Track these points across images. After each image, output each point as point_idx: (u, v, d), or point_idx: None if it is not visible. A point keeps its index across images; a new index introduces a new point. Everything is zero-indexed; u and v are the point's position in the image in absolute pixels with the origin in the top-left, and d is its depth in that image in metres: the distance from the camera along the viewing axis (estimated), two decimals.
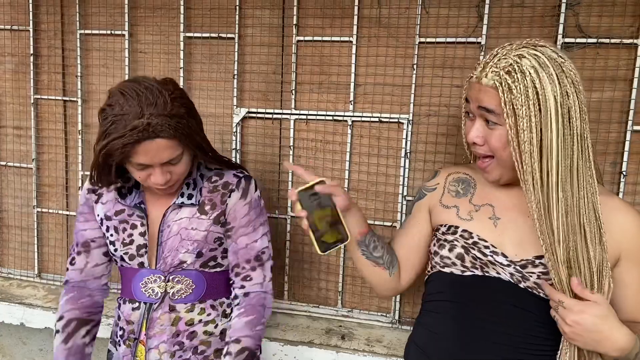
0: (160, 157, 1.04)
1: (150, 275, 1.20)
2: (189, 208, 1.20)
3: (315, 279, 1.68)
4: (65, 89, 1.79)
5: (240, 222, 1.22)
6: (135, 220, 1.20)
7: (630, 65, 1.36)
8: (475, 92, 0.95)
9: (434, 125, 1.52)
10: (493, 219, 1.03)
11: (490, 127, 0.95)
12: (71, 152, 1.82)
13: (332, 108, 1.59)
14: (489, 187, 1.08)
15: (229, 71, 1.64)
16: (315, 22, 1.56)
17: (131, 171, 1.10)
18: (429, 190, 1.16)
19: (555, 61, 0.89)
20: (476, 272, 1.01)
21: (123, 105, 1.01)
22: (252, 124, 1.66)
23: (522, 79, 0.88)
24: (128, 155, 1.03)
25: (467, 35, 1.46)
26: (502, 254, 0.99)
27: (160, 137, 1.02)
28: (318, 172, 1.62)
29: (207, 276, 1.22)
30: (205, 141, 1.16)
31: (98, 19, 1.72)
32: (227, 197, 1.21)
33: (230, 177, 1.23)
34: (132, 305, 1.22)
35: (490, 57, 0.94)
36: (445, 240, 1.06)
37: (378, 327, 1.63)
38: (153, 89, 1.03)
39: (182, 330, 1.21)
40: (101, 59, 1.74)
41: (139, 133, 0.99)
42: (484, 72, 0.93)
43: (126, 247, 1.20)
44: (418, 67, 1.50)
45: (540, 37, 1.40)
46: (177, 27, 1.65)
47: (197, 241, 1.19)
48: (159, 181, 1.08)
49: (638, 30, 1.34)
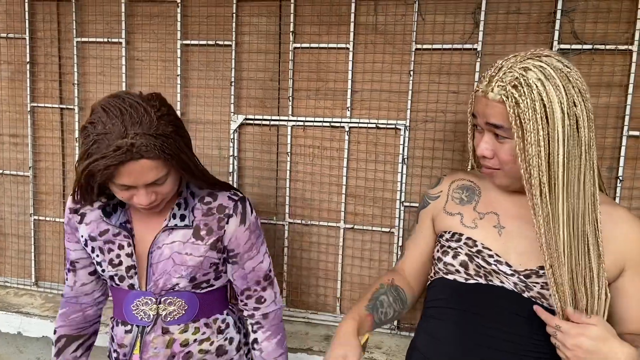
0: (144, 178, 0.98)
1: (142, 298, 1.15)
2: (182, 231, 1.14)
3: (314, 286, 1.68)
4: (62, 97, 1.79)
5: (244, 248, 1.19)
6: (122, 241, 1.14)
7: (626, 71, 1.37)
8: (482, 107, 0.95)
9: (431, 131, 1.53)
10: (498, 228, 1.03)
11: (500, 141, 0.95)
12: (68, 160, 1.82)
13: (330, 114, 1.59)
14: (493, 195, 1.08)
15: (226, 78, 1.64)
16: (312, 29, 1.57)
17: (114, 191, 1.04)
18: (433, 199, 1.16)
19: (561, 71, 0.88)
20: (480, 280, 1.01)
21: (106, 124, 0.95)
22: (250, 130, 1.66)
23: (529, 93, 0.87)
24: (111, 177, 0.97)
25: (463, 42, 1.46)
26: (506, 263, 0.99)
27: (145, 158, 0.96)
28: (316, 178, 1.63)
29: (200, 296, 1.18)
30: (193, 161, 1.09)
31: (95, 26, 1.72)
32: (224, 223, 1.15)
33: (225, 199, 1.17)
34: (125, 328, 1.17)
35: (495, 71, 0.93)
36: (449, 247, 1.06)
37: (377, 333, 1.63)
38: (138, 107, 0.97)
39: (177, 351, 1.17)
40: (98, 66, 1.74)
41: (122, 154, 0.93)
42: (490, 87, 0.92)
43: (115, 268, 1.15)
44: (414, 74, 1.51)
45: (536, 43, 1.41)
46: (174, 34, 1.65)
47: (191, 267, 1.14)
48: (142, 202, 1.02)
49: (632, 36, 1.35)
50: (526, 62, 0.90)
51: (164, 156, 0.98)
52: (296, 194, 1.65)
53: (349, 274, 1.65)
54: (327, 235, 1.65)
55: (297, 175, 1.65)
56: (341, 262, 1.64)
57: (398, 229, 1.57)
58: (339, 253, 1.64)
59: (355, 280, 1.64)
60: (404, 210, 1.56)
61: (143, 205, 1.03)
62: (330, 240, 1.65)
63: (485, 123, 0.95)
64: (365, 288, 1.63)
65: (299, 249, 1.67)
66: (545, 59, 0.90)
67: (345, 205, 1.61)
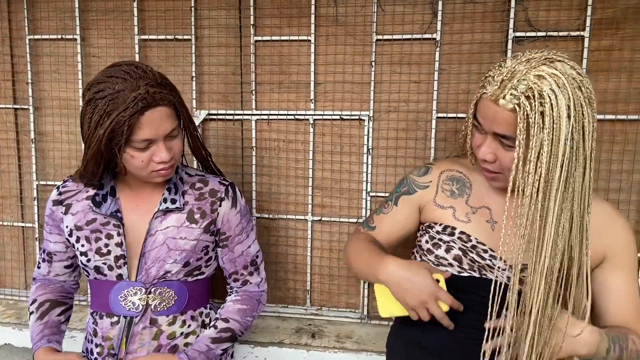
0: (164, 127, 1.04)
1: (130, 288, 1.15)
2: (175, 215, 1.17)
3: (283, 279, 1.68)
4: (16, 97, 1.73)
5: (235, 231, 1.23)
6: (111, 230, 1.15)
7: (578, 56, 1.41)
8: (490, 113, 0.91)
9: (394, 121, 1.54)
10: (490, 223, 1.03)
11: (505, 148, 0.92)
12: (24, 162, 1.76)
13: (293, 107, 1.59)
14: (485, 189, 1.07)
15: (187, 73, 1.62)
16: (273, 21, 1.56)
17: (130, 158, 1.05)
18: (421, 187, 1.13)
19: (574, 80, 0.86)
20: (474, 273, 1.01)
21: (115, 85, 1.00)
22: (213, 126, 1.64)
23: (540, 106, 0.84)
24: (132, 131, 1.00)
25: (422, 32, 1.48)
26: (500, 258, 0.99)
27: (161, 105, 1.03)
28: (282, 171, 1.62)
29: (189, 286, 1.20)
30: (192, 121, 1.18)
31: (48, 23, 1.66)
32: (217, 206, 1.20)
33: (216, 184, 1.23)
34: (111, 320, 1.16)
35: (507, 75, 0.88)
36: (440, 240, 1.05)
37: (348, 323, 1.64)
38: (136, 67, 1.03)
39: (164, 344, 1.17)
40: (52, 64, 1.68)
41: (142, 100, 0.99)
42: (502, 93, 0.88)
43: (103, 258, 1.15)
44: (376, 64, 1.52)
45: (492, 31, 1.45)
46: (131, 29, 1.61)
47: (185, 251, 1.16)
48: (164, 157, 1.06)
49: (584, 22, 1.39)
50: (540, 69, 0.86)
51: (176, 103, 1.07)
52: (262, 188, 1.64)
53: (318, 266, 1.65)
54: (295, 228, 1.65)
55: (263, 170, 1.64)
56: (310, 254, 1.64)
57: (364, 219, 1.58)
58: (307, 246, 1.64)
59: (324, 272, 1.65)
60: (370, 201, 1.57)
61: (165, 161, 1.07)
62: (299, 234, 1.65)
63: (492, 132, 0.92)
64: (334, 279, 1.64)
65: (267, 244, 1.66)
66: (559, 65, 0.87)
67: (312, 197, 1.61)
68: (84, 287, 1.76)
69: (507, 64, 0.91)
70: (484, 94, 0.92)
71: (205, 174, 1.26)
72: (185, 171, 1.25)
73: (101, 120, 1.00)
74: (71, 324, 1.62)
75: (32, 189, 1.74)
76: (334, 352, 1.48)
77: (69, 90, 1.68)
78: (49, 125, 1.71)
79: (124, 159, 1.07)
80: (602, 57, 1.42)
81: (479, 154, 0.97)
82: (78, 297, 1.77)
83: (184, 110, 1.11)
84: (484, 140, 0.96)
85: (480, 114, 0.94)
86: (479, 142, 0.97)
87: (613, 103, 1.43)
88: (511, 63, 0.90)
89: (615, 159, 1.44)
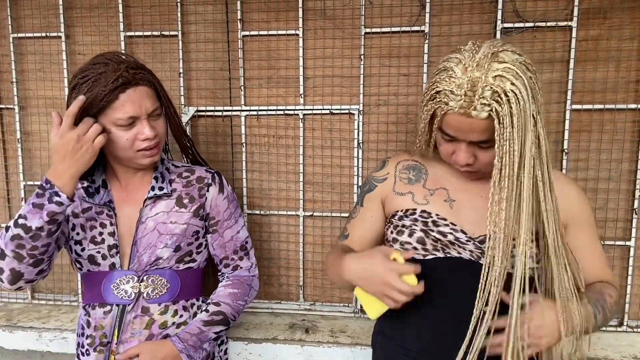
0: (146, 105, 1.10)
1: (123, 277, 1.19)
2: (164, 202, 1.21)
3: (276, 275, 1.67)
4: (1, 96, 1.70)
5: (224, 216, 1.28)
6: (104, 220, 1.19)
7: (566, 46, 1.42)
8: (464, 126, 0.92)
9: (384, 115, 1.54)
10: (449, 201, 1.07)
11: (483, 149, 0.95)
12: (11, 162, 1.73)
13: (283, 102, 1.58)
14: (440, 172, 1.11)
15: (174, 70, 1.60)
16: (260, 16, 1.55)
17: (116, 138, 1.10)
18: (380, 181, 1.16)
19: (521, 64, 0.89)
20: (438, 254, 1.03)
21: (99, 69, 1.06)
22: (202, 122, 1.62)
23: (508, 104, 0.87)
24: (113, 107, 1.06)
25: (411, 25, 1.48)
26: (461, 231, 1.03)
27: (142, 85, 1.09)
28: (272, 167, 1.61)
29: (181, 274, 1.23)
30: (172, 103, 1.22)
31: (32, 21, 1.63)
32: (205, 191, 1.25)
33: (203, 172, 1.28)
34: (104, 310, 1.19)
35: (468, 86, 0.89)
36: (403, 225, 1.07)
37: (341, 317, 1.64)
38: (118, 53, 1.12)
39: (156, 333, 1.19)
40: (37, 63, 1.66)
41: (123, 78, 1.06)
42: (472, 105, 0.89)
43: (98, 246, 1.19)
44: (365, 58, 1.51)
45: (480, 23, 1.45)
46: (117, 26, 1.59)
47: (176, 235, 1.20)
48: (149, 134, 1.10)
49: (572, 12, 1.39)
50: (494, 69, 0.88)
51: (156, 85, 1.14)
52: (253, 184, 1.64)
53: (310, 261, 1.65)
54: (286, 224, 1.64)
55: (254, 166, 1.63)
56: (302, 249, 1.63)
57: None
58: (299, 241, 1.63)
59: (317, 267, 1.64)
60: None
61: (150, 137, 1.11)
62: (290, 229, 1.64)
63: (468, 141, 0.95)
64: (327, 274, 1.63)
65: (259, 240, 1.66)
66: (504, 56, 0.89)
67: (303, 192, 1.61)
68: (75, 288, 1.75)
69: (455, 73, 0.91)
70: (449, 110, 0.92)
71: (192, 165, 1.32)
72: (172, 163, 1.31)
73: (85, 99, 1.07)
74: (63, 325, 1.61)
75: (19, 189, 1.72)
76: (328, 347, 1.47)
77: (54, 89, 1.66)
78: (35, 125, 1.69)
79: (111, 140, 1.10)
80: (590, 47, 1.42)
81: (458, 160, 0.98)
82: (69, 297, 1.76)
83: (164, 92, 1.18)
84: (457, 147, 0.98)
85: (450, 128, 0.95)
86: (451, 149, 0.99)
87: (601, 92, 1.43)
88: (460, 72, 0.90)
89: (604, 148, 1.45)
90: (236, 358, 1.51)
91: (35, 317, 1.67)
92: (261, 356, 1.50)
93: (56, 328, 1.60)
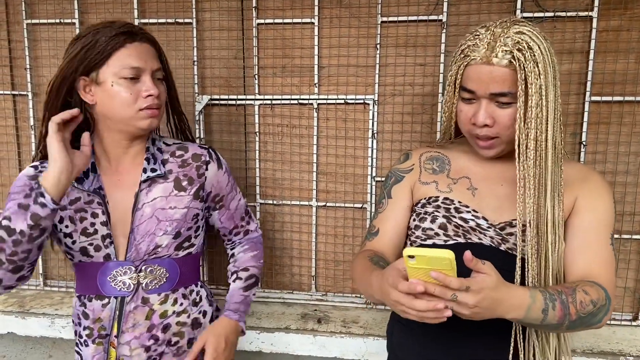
0: (151, 62, 1.08)
1: (119, 268, 1.13)
2: (162, 186, 1.15)
3: (288, 265, 1.67)
4: (14, 83, 1.70)
5: (227, 190, 1.28)
6: (96, 209, 1.12)
7: (586, 37, 1.40)
8: (485, 75, 0.93)
9: (400, 105, 1.52)
10: (471, 190, 1.07)
11: (502, 107, 0.95)
12: (24, 149, 1.73)
13: (297, 91, 1.57)
14: (462, 163, 1.11)
15: (188, 57, 1.59)
16: (276, 4, 1.53)
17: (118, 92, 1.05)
18: (406, 172, 1.16)
19: (540, 34, 0.92)
20: (459, 240, 1.03)
21: (98, 29, 1.05)
22: (216, 111, 1.62)
23: (531, 55, 0.89)
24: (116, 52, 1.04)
25: (428, 14, 1.46)
26: (483, 218, 1.03)
27: (145, 42, 1.09)
28: (285, 157, 1.61)
29: (180, 262, 1.19)
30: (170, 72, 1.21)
31: (45, 7, 1.63)
32: (204, 169, 1.21)
33: (197, 149, 1.23)
34: (102, 302, 1.14)
35: (491, 38, 0.92)
36: (425, 212, 1.07)
37: (353, 308, 1.64)
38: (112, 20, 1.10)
39: (157, 323, 1.16)
40: (51, 49, 1.65)
41: (129, 29, 1.06)
42: (494, 52, 0.91)
43: (90, 238, 1.12)
44: (381, 47, 1.50)
45: (499, 12, 1.42)
46: (131, 13, 1.58)
47: (176, 220, 1.16)
48: (152, 91, 1.07)
49: (592, 2, 1.37)
50: (515, 28, 0.92)
51: (156, 44, 1.13)
52: (266, 174, 1.63)
53: (323, 251, 1.64)
54: (299, 214, 1.64)
55: (267, 155, 1.62)
56: (315, 240, 1.63)
57: (370, 205, 1.57)
58: (312, 232, 1.63)
59: (329, 257, 1.64)
60: (375, 186, 1.56)
61: (153, 94, 1.07)
62: (303, 219, 1.64)
63: (488, 94, 0.94)
64: (339, 265, 1.63)
65: (271, 230, 1.65)
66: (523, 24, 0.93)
67: (316, 183, 1.60)
68: (71, 273, 1.74)
69: (479, 31, 0.96)
70: (472, 61, 0.95)
71: (183, 142, 1.26)
72: (163, 141, 1.23)
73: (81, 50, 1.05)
74: (62, 311, 1.62)
75: None
76: (340, 337, 1.47)
77: None
78: None
79: (109, 97, 1.06)
80: (611, 38, 1.40)
81: (477, 120, 0.97)
82: (66, 283, 1.76)
83: (165, 58, 1.17)
84: (477, 108, 0.97)
85: (470, 81, 0.96)
86: (471, 112, 0.99)
87: (621, 84, 1.41)
88: (484, 30, 0.95)
89: (623, 140, 1.43)
90: (248, 347, 1.51)
91: (47, 304, 1.68)
92: (273, 345, 1.50)
93: (69, 315, 1.60)
